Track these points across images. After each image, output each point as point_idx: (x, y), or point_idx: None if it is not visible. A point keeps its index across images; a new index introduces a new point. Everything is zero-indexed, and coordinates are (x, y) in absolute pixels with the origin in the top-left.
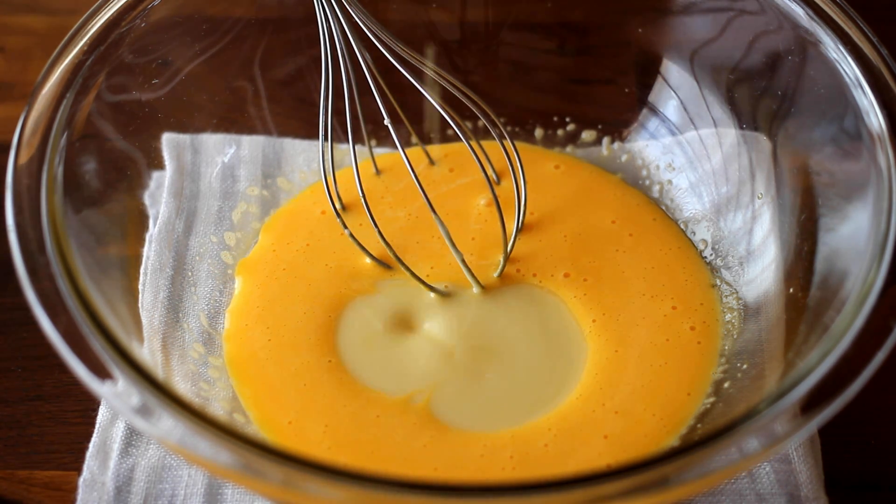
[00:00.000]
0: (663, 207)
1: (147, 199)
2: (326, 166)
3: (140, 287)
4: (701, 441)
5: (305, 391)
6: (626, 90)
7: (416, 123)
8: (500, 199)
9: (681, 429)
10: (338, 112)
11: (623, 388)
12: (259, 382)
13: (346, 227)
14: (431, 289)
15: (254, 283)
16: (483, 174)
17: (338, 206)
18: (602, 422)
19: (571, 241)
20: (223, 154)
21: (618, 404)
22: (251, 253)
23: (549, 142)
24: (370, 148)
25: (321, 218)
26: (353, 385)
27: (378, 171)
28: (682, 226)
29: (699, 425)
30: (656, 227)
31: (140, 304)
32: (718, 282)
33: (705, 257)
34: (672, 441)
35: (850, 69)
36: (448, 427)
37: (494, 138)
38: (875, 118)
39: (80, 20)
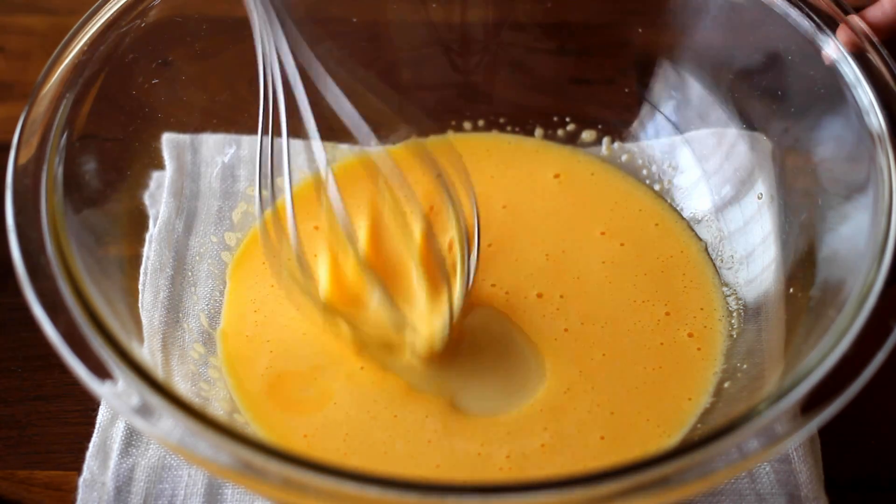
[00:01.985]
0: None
1: (147, 199)
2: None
3: (140, 287)
4: (701, 441)
5: (306, 390)
6: (626, 90)
7: (417, 123)
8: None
9: (681, 432)
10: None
11: (617, 390)
12: (256, 379)
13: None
14: None
15: (248, 284)
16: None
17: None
18: (598, 422)
19: (551, 258)
20: (223, 154)
21: (613, 406)
22: (245, 252)
23: (550, 141)
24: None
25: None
26: (352, 383)
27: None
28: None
29: (699, 425)
30: (657, 232)
31: (140, 304)
32: (718, 283)
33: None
34: (671, 444)
35: (850, 69)
36: (449, 422)
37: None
38: (875, 118)
39: (80, 20)
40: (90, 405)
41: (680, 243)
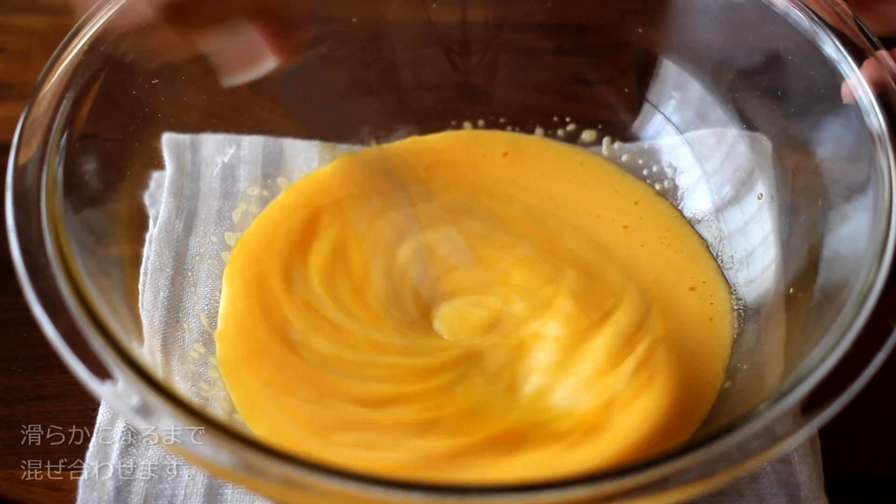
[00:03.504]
0: None
1: (147, 199)
2: None
3: (140, 287)
4: (701, 441)
5: (307, 391)
6: (626, 90)
7: (417, 123)
8: None
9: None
10: (336, 110)
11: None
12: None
13: None
14: None
15: (244, 283)
16: None
17: None
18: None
19: None
20: (223, 154)
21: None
22: (243, 251)
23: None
24: None
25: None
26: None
27: None
28: None
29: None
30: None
31: (140, 304)
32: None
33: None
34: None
35: (850, 69)
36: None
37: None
38: (875, 118)
39: (80, 20)
40: (90, 405)
41: (677, 242)
